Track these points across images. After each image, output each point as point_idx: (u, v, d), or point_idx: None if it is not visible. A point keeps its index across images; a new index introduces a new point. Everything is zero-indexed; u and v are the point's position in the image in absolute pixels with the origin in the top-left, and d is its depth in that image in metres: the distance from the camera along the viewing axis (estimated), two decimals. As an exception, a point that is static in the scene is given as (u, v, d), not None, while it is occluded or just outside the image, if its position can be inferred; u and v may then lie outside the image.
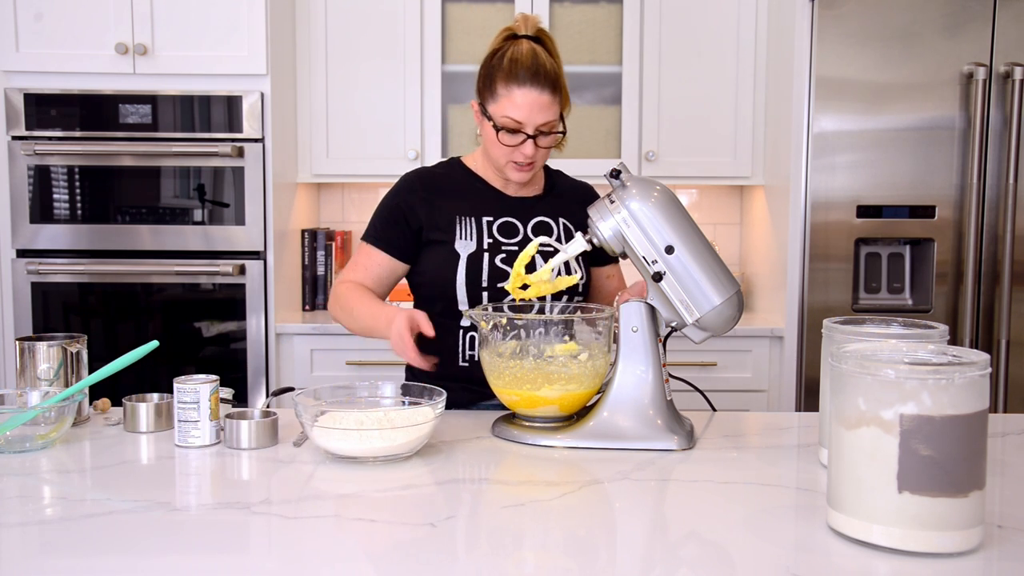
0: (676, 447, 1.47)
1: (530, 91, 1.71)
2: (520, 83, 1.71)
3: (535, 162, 1.78)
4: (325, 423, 1.37)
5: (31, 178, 2.93)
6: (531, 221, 1.84)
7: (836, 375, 1.08)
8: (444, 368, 1.77)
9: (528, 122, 1.72)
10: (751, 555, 1.05)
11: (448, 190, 1.85)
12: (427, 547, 1.07)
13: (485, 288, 1.77)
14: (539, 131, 1.74)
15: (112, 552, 1.05)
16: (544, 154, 1.79)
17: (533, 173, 1.82)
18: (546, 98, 1.72)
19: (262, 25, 2.90)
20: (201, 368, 2.92)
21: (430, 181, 1.86)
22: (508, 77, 1.72)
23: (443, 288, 1.78)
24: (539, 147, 1.75)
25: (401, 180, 1.88)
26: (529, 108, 1.71)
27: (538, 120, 1.73)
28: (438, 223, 1.81)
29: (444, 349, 1.78)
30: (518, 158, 1.76)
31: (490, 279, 1.77)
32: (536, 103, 1.71)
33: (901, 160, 2.82)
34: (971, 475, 1.02)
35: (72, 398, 1.47)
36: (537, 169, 1.83)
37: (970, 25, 2.77)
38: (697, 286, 1.47)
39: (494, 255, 1.78)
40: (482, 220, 1.81)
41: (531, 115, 1.72)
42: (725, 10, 3.19)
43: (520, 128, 1.73)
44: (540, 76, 1.71)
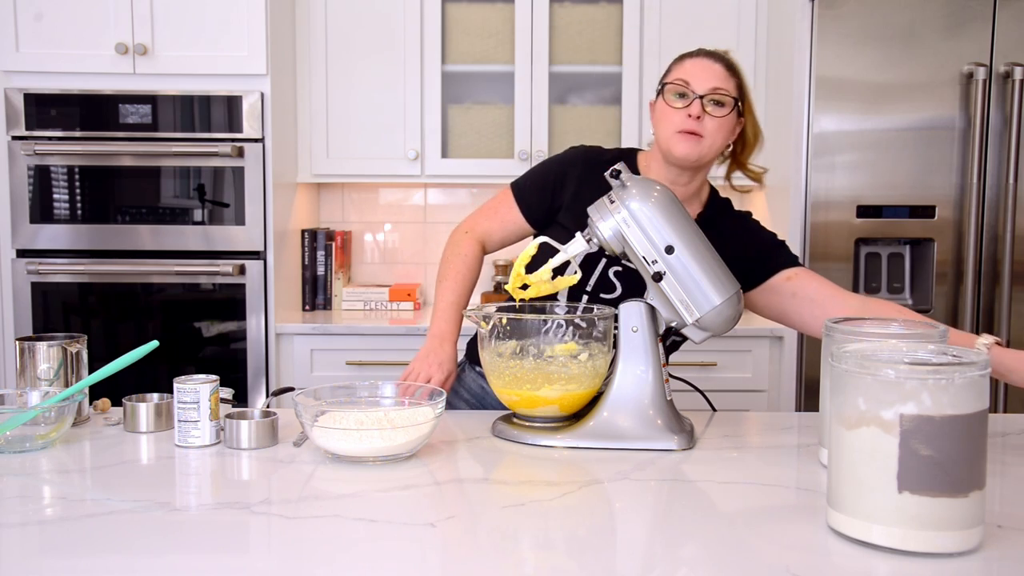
0: (676, 447, 1.47)
1: (703, 60, 1.70)
2: (692, 56, 1.72)
3: (703, 135, 1.67)
4: (325, 423, 1.37)
5: (31, 178, 2.93)
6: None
7: (836, 375, 1.08)
8: None
9: (696, 83, 1.67)
10: (751, 555, 1.05)
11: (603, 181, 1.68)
12: (427, 547, 1.07)
13: (588, 293, 1.74)
14: (711, 96, 1.67)
15: (112, 552, 1.05)
16: (714, 128, 1.68)
17: (701, 150, 1.68)
18: (719, 68, 1.69)
19: (262, 25, 2.90)
20: (201, 368, 2.92)
21: (595, 165, 1.73)
22: (680, 58, 1.74)
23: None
24: (708, 113, 1.67)
25: (569, 151, 1.84)
26: (700, 70, 1.68)
27: (708, 83, 1.67)
28: (575, 211, 1.73)
29: None
30: (684, 123, 1.67)
31: (596, 287, 1.73)
32: (708, 68, 1.69)
33: (901, 160, 2.82)
34: (971, 475, 1.02)
35: (72, 398, 1.47)
36: (705, 151, 1.69)
37: (970, 25, 2.77)
38: (697, 286, 1.47)
39: (609, 266, 1.74)
40: None
41: (700, 77, 1.67)
42: (725, 10, 3.19)
43: (688, 88, 1.67)
44: (714, 54, 1.72)
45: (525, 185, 1.83)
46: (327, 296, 3.35)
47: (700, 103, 1.66)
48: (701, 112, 1.67)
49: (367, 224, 3.60)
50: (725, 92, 1.68)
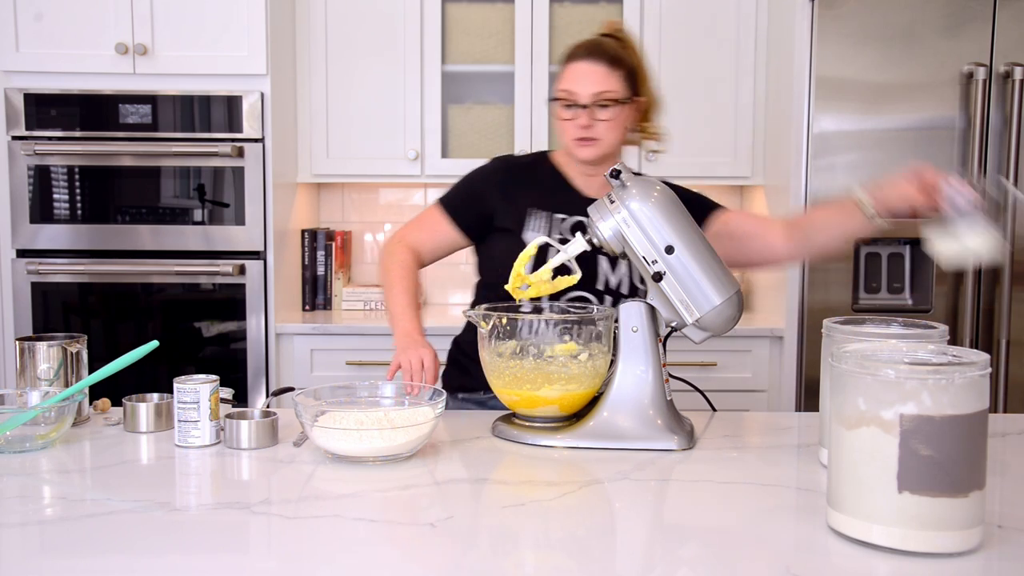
0: (676, 447, 1.47)
1: (583, 64, 1.76)
2: (575, 59, 1.78)
3: (596, 137, 1.76)
4: (325, 423, 1.37)
5: (31, 178, 2.93)
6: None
7: (836, 375, 1.08)
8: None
9: (580, 91, 1.75)
10: (751, 555, 1.05)
11: (529, 182, 1.87)
12: (427, 547, 1.07)
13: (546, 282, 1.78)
14: (596, 102, 1.75)
15: (112, 552, 1.05)
16: (606, 129, 1.77)
17: (599, 151, 1.78)
18: (600, 68, 1.75)
19: (262, 25, 2.90)
20: (201, 368, 2.92)
21: (515, 170, 1.89)
22: (567, 58, 1.80)
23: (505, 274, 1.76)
24: (596, 119, 1.75)
25: (489, 162, 1.94)
26: (581, 77, 1.75)
27: (590, 89, 1.74)
28: (511, 213, 1.83)
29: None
30: (577, 132, 1.77)
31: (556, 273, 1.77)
32: (588, 73, 1.75)
33: (901, 160, 2.81)
34: (971, 475, 1.02)
35: (72, 398, 1.47)
36: (605, 149, 1.79)
37: (970, 25, 2.77)
38: (697, 286, 1.47)
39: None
40: (554, 216, 1.83)
41: (583, 84, 1.75)
42: (725, 10, 3.18)
43: (574, 98, 1.76)
44: (596, 52, 1.77)
45: (452, 198, 1.91)
46: (327, 296, 3.35)
47: (587, 112, 1.75)
48: (590, 120, 1.75)
49: (367, 224, 3.60)
50: (610, 94, 1.75)
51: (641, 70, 1.82)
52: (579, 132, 1.76)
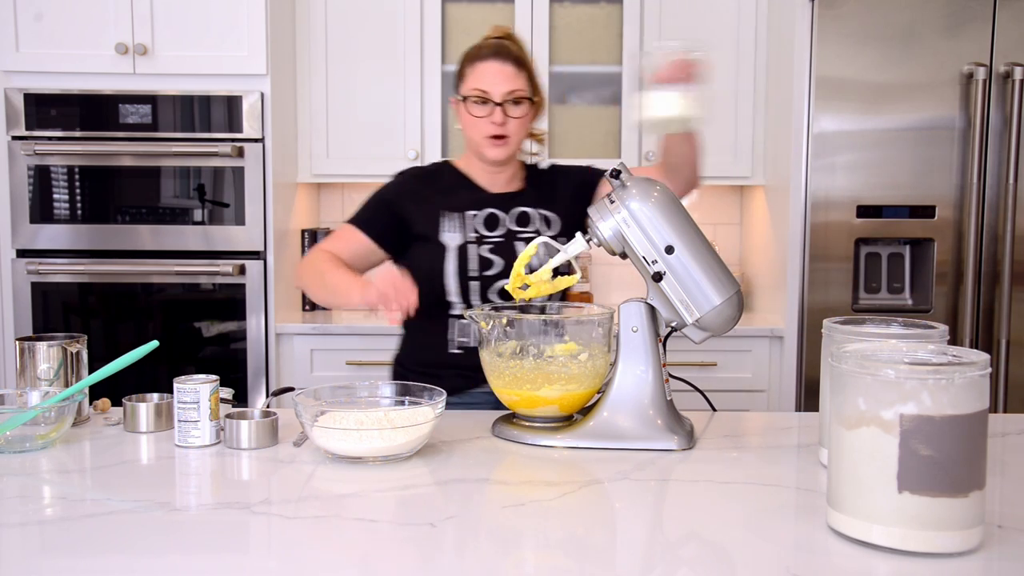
0: (676, 447, 1.47)
1: (492, 63, 1.84)
2: (483, 59, 1.85)
3: (508, 135, 1.83)
4: (325, 423, 1.37)
5: (31, 178, 2.93)
6: (513, 212, 1.90)
7: (836, 375, 1.08)
8: (436, 356, 1.87)
9: (493, 90, 1.82)
10: (751, 555, 1.05)
11: (436, 188, 1.93)
12: (427, 547, 1.07)
13: (473, 278, 1.84)
14: (507, 100, 1.82)
15: (112, 552, 1.05)
16: (516, 127, 1.84)
17: (510, 150, 1.85)
18: (509, 68, 1.83)
19: (262, 25, 2.90)
20: (201, 368, 2.91)
21: (421, 179, 1.95)
22: (473, 59, 1.87)
23: (432, 280, 1.85)
24: (509, 116, 1.82)
25: (395, 176, 1.98)
26: (492, 76, 1.82)
27: (503, 88, 1.82)
28: (425, 219, 1.87)
29: (435, 338, 1.87)
30: (490, 130, 1.83)
31: (479, 268, 1.84)
32: (499, 72, 1.83)
33: (901, 160, 2.82)
34: (971, 475, 1.02)
35: (72, 398, 1.47)
36: (513, 147, 1.86)
37: (970, 25, 2.77)
38: (697, 286, 1.47)
39: (480, 246, 1.85)
40: (465, 215, 1.87)
41: (495, 83, 1.82)
42: (725, 10, 3.18)
43: (487, 96, 1.82)
44: (502, 53, 1.85)
45: (363, 212, 1.94)
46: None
47: (501, 110, 1.82)
48: (504, 117, 1.82)
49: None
50: (521, 92, 1.84)
51: (531, 65, 1.90)
52: (493, 129, 1.82)
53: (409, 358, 1.95)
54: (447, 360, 1.85)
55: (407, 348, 1.97)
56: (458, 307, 1.84)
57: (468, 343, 1.84)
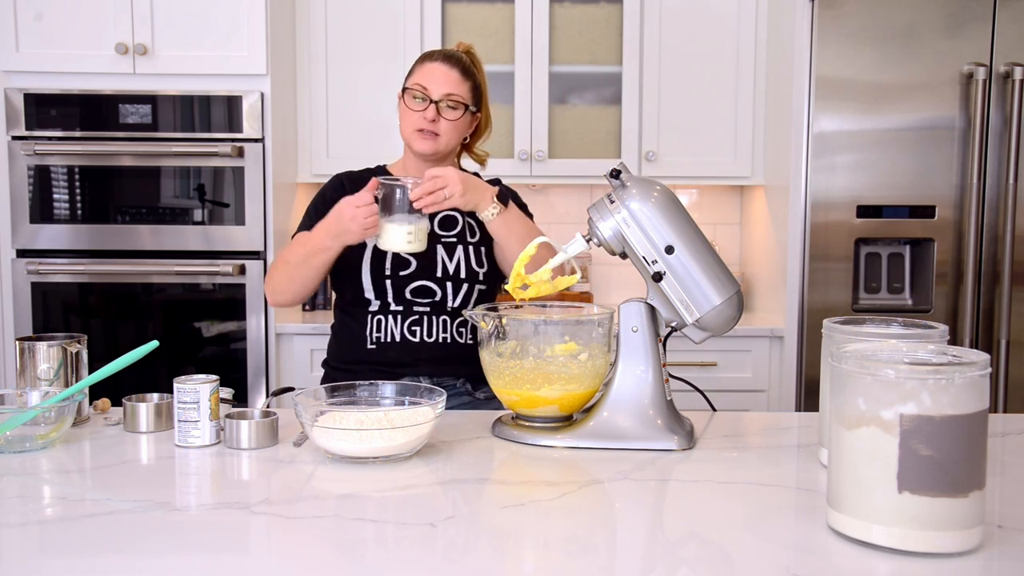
0: (676, 447, 1.47)
1: (440, 64, 1.90)
2: (433, 59, 1.92)
3: (439, 133, 1.88)
4: (325, 423, 1.37)
5: (31, 178, 2.93)
6: (438, 216, 1.93)
7: (836, 375, 1.08)
8: (354, 352, 1.92)
9: (433, 88, 1.88)
10: (751, 555, 1.05)
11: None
12: (427, 547, 1.07)
13: (388, 276, 1.89)
14: (443, 100, 1.87)
15: (112, 552, 1.05)
16: (448, 128, 1.89)
17: (437, 147, 1.89)
18: (455, 74, 1.89)
19: (262, 25, 2.90)
20: (201, 368, 2.92)
21: (353, 181, 1.99)
22: (424, 58, 1.94)
23: (351, 278, 1.91)
24: (442, 116, 1.88)
25: (331, 178, 2.03)
26: (435, 75, 1.89)
27: (443, 89, 1.88)
28: None
29: (354, 335, 1.92)
30: (421, 123, 1.87)
31: (392, 268, 1.89)
32: (444, 74, 1.89)
33: (901, 160, 2.82)
34: (971, 475, 1.02)
35: (72, 398, 1.47)
36: (441, 147, 1.90)
37: (970, 25, 2.77)
38: (697, 286, 1.47)
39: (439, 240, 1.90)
40: None
41: (436, 83, 1.88)
42: (725, 10, 3.19)
43: (426, 93, 1.88)
44: (452, 59, 1.92)
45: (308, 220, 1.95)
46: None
47: (435, 107, 1.88)
48: (436, 115, 1.88)
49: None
50: (459, 97, 1.89)
51: (483, 91, 1.97)
52: (423, 123, 1.87)
53: (333, 355, 1.99)
54: (364, 356, 1.90)
55: (332, 346, 2.01)
56: (375, 304, 1.89)
57: (382, 338, 1.89)
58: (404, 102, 1.91)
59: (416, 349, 1.88)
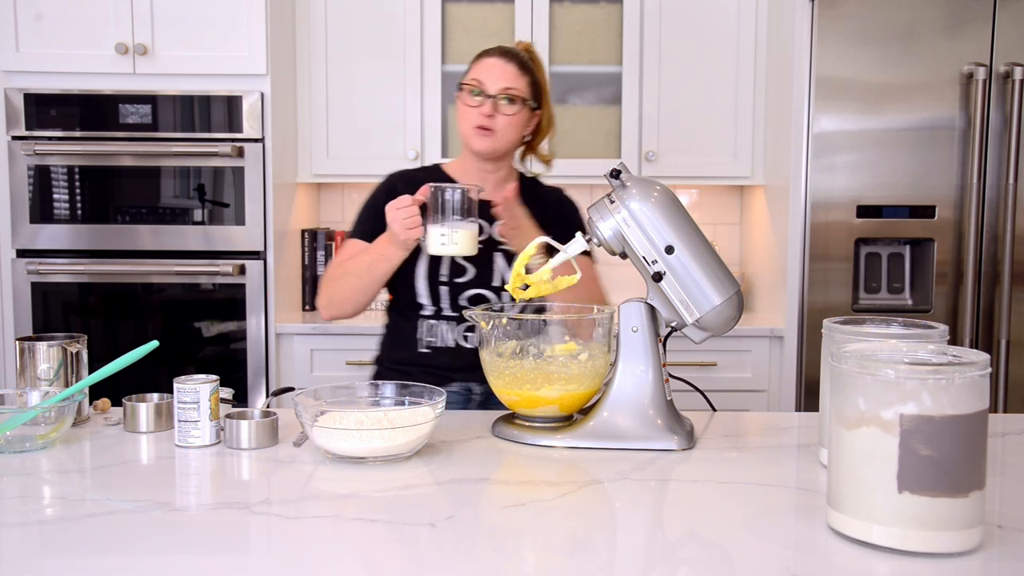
0: (676, 447, 1.47)
1: (496, 59, 1.87)
2: (488, 55, 1.89)
3: (495, 129, 1.85)
4: (325, 423, 1.37)
5: (31, 178, 2.93)
6: (496, 222, 1.88)
7: (836, 375, 1.08)
8: (407, 354, 1.91)
9: (489, 83, 1.84)
10: (751, 555, 1.05)
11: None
12: (427, 547, 1.07)
13: (444, 283, 1.87)
14: (500, 95, 1.84)
15: (112, 552, 1.05)
16: (505, 124, 1.85)
17: (495, 144, 1.86)
18: (511, 68, 1.86)
19: (262, 25, 2.90)
20: (201, 368, 2.91)
21: (409, 182, 1.94)
22: (479, 56, 1.91)
23: (405, 281, 1.89)
24: (499, 111, 1.84)
25: (383, 180, 2.00)
26: (492, 70, 1.85)
27: (499, 83, 1.84)
28: None
29: (406, 338, 1.91)
30: (478, 120, 1.84)
31: (449, 274, 1.88)
32: (500, 68, 1.85)
33: (901, 160, 2.82)
34: (971, 475, 1.02)
35: (72, 398, 1.47)
36: (499, 144, 1.87)
37: (970, 25, 2.77)
38: (697, 286, 1.47)
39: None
40: None
41: (493, 77, 1.84)
42: (725, 10, 3.19)
43: (482, 88, 1.85)
44: (509, 54, 1.88)
45: (363, 226, 1.95)
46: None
47: (492, 102, 1.84)
48: (493, 110, 1.84)
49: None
50: (516, 91, 1.85)
51: (544, 89, 1.93)
52: (480, 120, 1.84)
53: (385, 355, 1.99)
54: (415, 359, 1.89)
55: (384, 345, 2.01)
56: (428, 309, 1.88)
57: (435, 343, 1.88)
58: (460, 99, 1.88)
59: (469, 355, 1.82)
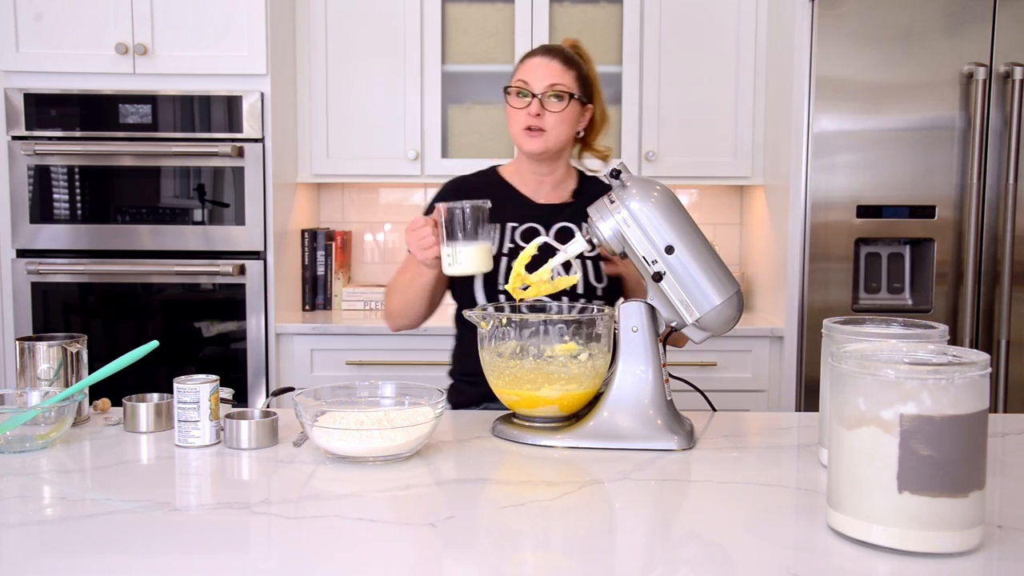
0: (676, 447, 1.47)
1: (540, 58, 1.86)
2: (534, 55, 1.88)
3: (544, 128, 1.83)
4: (325, 423, 1.37)
5: (31, 178, 2.93)
6: (553, 227, 1.89)
7: (836, 375, 1.08)
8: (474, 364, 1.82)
9: (534, 82, 1.83)
10: (751, 555, 1.05)
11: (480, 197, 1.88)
12: (427, 547, 1.07)
13: (502, 291, 1.84)
14: (546, 93, 1.82)
15: (112, 552, 1.05)
16: (554, 121, 1.83)
17: (545, 144, 1.84)
18: (555, 64, 1.84)
19: (262, 25, 2.90)
20: (201, 368, 2.91)
21: (465, 188, 1.94)
22: (523, 58, 1.90)
23: (464, 289, 1.87)
24: (547, 110, 1.82)
25: (442, 187, 2.00)
26: (536, 69, 1.84)
27: (544, 81, 1.82)
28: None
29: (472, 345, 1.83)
30: (526, 121, 1.83)
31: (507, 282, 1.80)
32: (544, 66, 1.84)
33: (901, 160, 2.82)
34: (971, 475, 1.02)
35: (72, 398, 1.47)
36: (551, 143, 1.85)
37: (970, 25, 2.77)
38: (697, 286, 1.47)
39: (512, 259, 1.84)
40: (507, 225, 1.89)
41: (538, 76, 1.83)
42: (725, 10, 3.19)
43: (527, 88, 1.83)
44: (553, 51, 1.87)
45: None
46: (327, 296, 3.35)
47: (538, 101, 1.82)
48: (540, 109, 1.83)
49: (367, 224, 3.60)
50: (562, 87, 1.83)
51: (593, 83, 1.90)
52: (529, 120, 1.83)
53: (457, 367, 1.97)
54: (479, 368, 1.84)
55: (455, 358, 1.99)
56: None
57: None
58: (508, 103, 1.87)
59: None
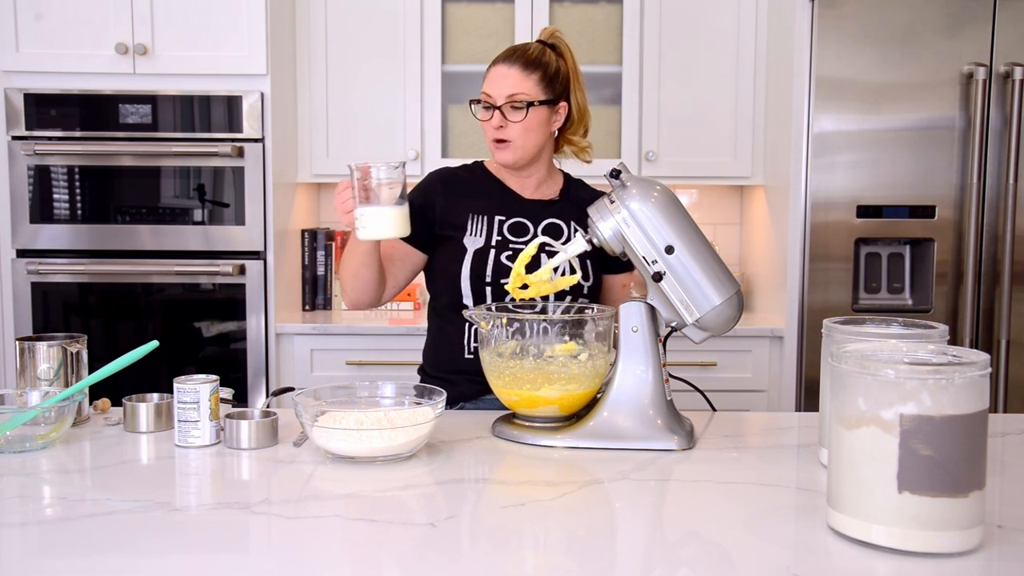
0: (676, 447, 1.47)
1: (500, 67, 1.82)
2: (496, 63, 1.84)
3: (509, 139, 1.82)
4: (325, 423, 1.37)
5: (31, 178, 2.93)
6: (542, 222, 1.88)
7: (836, 375, 1.08)
8: (451, 361, 1.84)
9: (495, 93, 1.81)
10: (751, 555, 1.05)
11: (466, 189, 1.91)
12: (427, 547, 1.07)
13: (488, 283, 1.82)
14: (505, 104, 1.80)
15: (112, 552, 1.05)
16: (518, 131, 1.81)
17: (514, 155, 1.83)
18: (515, 71, 1.81)
19: (262, 25, 2.90)
20: (201, 368, 2.92)
21: (451, 179, 1.93)
22: (490, 64, 1.86)
23: (449, 281, 1.84)
24: (508, 120, 1.80)
25: (425, 177, 1.96)
26: (496, 79, 1.81)
27: (503, 91, 1.80)
28: (451, 219, 1.86)
29: (451, 342, 1.85)
30: (493, 133, 1.82)
31: (494, 275, 1.82)
32: (503, 76, 1.81)
33: (901, 160, 2.82)
34: (971, 475, 1.02)
35: (72, 398, 1.47)
36: (519, 153, 1.83)
37: (970, 25, 2.77)
38: (697, 286, 1.47)
39: (500, 252, 1.83)
40: (494, 219, 1.87)
41: (498, 87, 1.81)
42: (725, 10, 3.19)
43: (490, 100, 1.82)
44: (514, 56, 1.83)
45: None
46: (327, 296, 3.35)
47: (499, 113, 1.81)
48: (503, 121, 1.81)
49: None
50: (522, 95, 1.80)
51: (568, 77, 1.86)
52: (494, 133, 1.82)
53: (429, 361, 1.94)
54: (460, 365, 1.83)
55: (428, 351, 1.96)
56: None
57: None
58: (475, 115, 1.86)
59: None
